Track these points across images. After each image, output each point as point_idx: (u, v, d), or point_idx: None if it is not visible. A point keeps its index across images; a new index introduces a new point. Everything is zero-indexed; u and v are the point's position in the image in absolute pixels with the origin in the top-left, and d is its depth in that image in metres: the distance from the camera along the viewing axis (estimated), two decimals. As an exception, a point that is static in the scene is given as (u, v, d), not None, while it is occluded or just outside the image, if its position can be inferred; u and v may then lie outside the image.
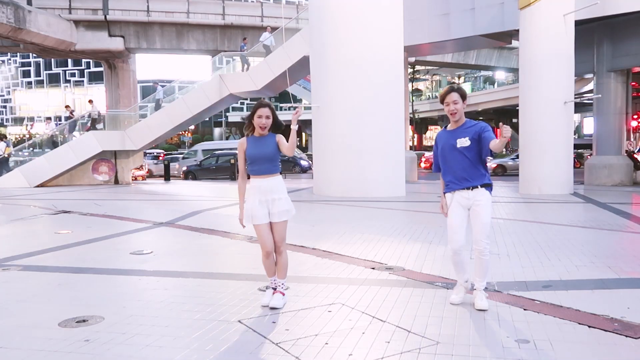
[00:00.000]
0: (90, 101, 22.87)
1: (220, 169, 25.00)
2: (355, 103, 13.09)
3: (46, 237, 8.11)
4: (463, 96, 3.94)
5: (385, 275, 5.13)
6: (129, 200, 14.37)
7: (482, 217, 3.94)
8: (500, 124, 3.99)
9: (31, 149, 23.19)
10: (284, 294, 4.23)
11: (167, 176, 24.98)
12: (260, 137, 4.14)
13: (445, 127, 4.14)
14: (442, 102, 4.01)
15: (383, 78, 13.14)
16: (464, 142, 3.94)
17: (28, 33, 23.40)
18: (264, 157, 4.09)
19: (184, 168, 26.94)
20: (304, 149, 49.25)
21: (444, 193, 4.12)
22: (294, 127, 4.01)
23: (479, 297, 4.05)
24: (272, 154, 4.11)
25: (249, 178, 4.22)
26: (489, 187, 3.99)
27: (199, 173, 25.35)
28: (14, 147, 26.02)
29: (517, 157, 21.51)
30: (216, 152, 27.46)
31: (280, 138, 4.14)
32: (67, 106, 24.27)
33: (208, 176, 24.95)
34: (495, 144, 3.82)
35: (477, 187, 3.95)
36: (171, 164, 27.62)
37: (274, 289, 4.22)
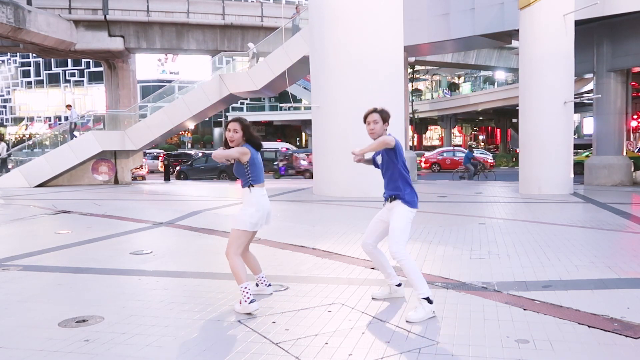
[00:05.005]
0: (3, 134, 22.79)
1: (208, 169, 25.71)
2: (355, 103, 13.03)
3: (46, 237, 8.11)
4: (384, 118, 4.12)
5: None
6: (129, 200, 14.36)
7: (392, 223, 4.04)
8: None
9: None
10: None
11: (167, 176, 25.06)
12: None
13: None
14: (364, 120, 4.19)
15: (383, 78, 13.13)
16: (378, 158, 4.25)
17: (28, 33, 23.39)
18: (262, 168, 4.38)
19: (178, 168, 27.70)
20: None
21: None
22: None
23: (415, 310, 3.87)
24: None
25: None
26: (406, 202, 4.05)
27: (190, 173, 26.12)
28: (12, 147, 25.98)
29: None
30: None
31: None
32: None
33: (198, 176, 25.67)
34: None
35: (395, 200, 4.10)
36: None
37: (258, 285, 4.51)
